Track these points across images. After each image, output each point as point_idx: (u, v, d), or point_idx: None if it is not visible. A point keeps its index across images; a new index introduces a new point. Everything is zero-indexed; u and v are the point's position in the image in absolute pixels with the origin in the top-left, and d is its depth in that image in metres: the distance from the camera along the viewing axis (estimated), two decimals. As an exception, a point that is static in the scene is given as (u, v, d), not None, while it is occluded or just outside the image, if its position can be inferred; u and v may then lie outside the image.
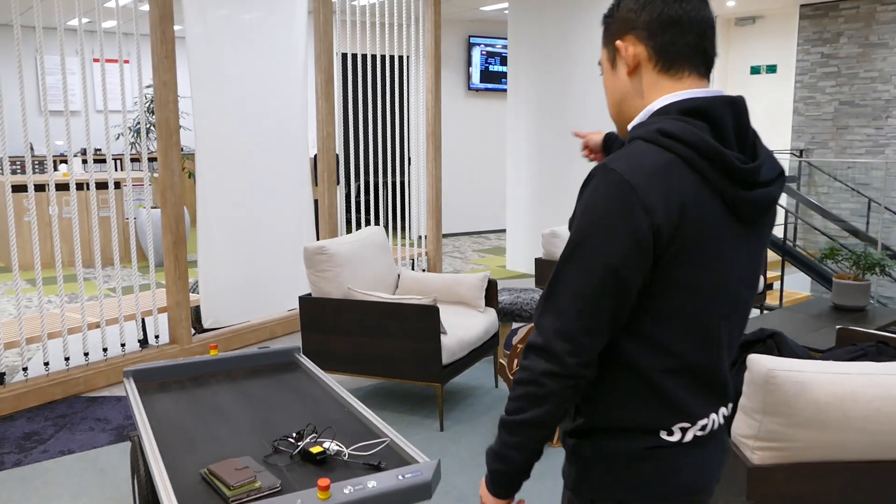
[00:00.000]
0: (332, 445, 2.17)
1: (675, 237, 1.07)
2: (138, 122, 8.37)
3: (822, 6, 9.04)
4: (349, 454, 2.15)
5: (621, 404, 1.16)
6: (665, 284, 1.10)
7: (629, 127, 1.20)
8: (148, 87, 6.74)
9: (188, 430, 2.37)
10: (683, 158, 1.08)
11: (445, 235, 9.90)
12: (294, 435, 2.26)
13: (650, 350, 1.13)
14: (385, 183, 9.50)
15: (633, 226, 1.06)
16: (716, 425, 1.22)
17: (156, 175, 5.90)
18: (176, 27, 8.07)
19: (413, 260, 6.52)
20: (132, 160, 10.38)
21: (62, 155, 9.93)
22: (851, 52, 8.83)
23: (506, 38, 10.00)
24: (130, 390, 2.67)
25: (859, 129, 8.89)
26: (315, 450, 2.11)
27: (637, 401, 1.15)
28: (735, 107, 1.13)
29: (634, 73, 1.18)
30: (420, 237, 6.72)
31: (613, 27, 1.21)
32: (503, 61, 10.05)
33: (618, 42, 1.19)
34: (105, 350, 4.34)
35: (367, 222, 10.59)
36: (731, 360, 1.24)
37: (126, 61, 10.55)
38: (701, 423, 1.18)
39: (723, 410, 1.23)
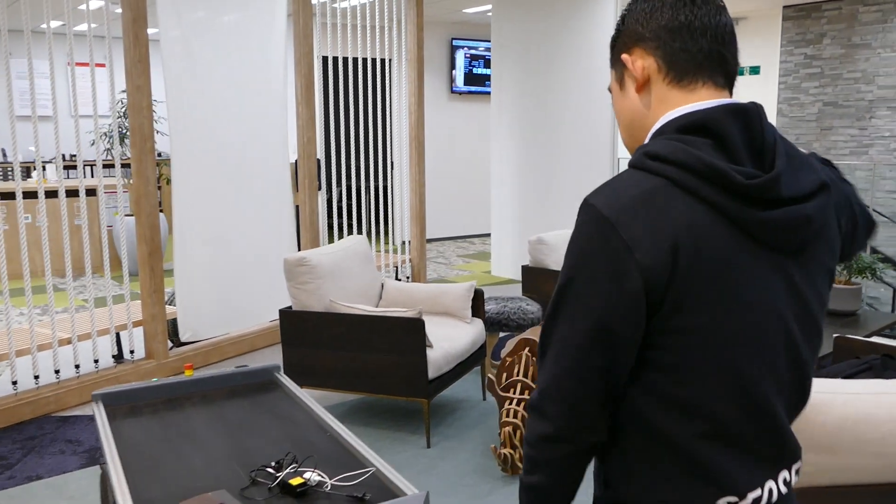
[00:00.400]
0: (313, 476, 2.03)
1: (674, 277, 0.92)
2: (113, 128, 8.17)
3: (805, 7, 9.01)
4: (332, 485, 2.01)
5: (654, 478, 0.99)
6: (676, 334, 0.94)
7: None
8: (124, 91, 6.56)
9: (160, 460, 2.23)
10: (674, 181, 0.94)
11: (429, 240, 9.77)
12: (273, 464, 2.12)
13: (677, 413, 0.96)
14: (368, 188, 9.35)
15: (615, 269, 0.93)
16: (774, 496, 1.01)
17: (131, 181, 5.74)
18: (152, 30, 7.89)
19: (397, 267, 6.38)
20: (105, 166, 10.16)
21: (34, 161, 9.71)
22: (835, 52, 8.80)
23: (489, 41, 9.89)
24: (99, 416, 2.51)
25: (843, 130, 8.87)
26: (295, 481, 1.97)
27: (672, 474, 0.98)
28: (745, 115, 0.98)
29: (644, 88, 1.07)
30: (404, 242, 6.59)
31: (620, 43, 1.10)
32: (487, 64, 9.94)
33: (624, 55, 1.08)
34: (77, 367, 4.17)
35: (350, 228, 10.44)
36: (795, 410, 1.05)
37: (99, 65, 10.34)
38: (752, 495, 0.99)
39: (783, 475, 1.03)
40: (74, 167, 9.82)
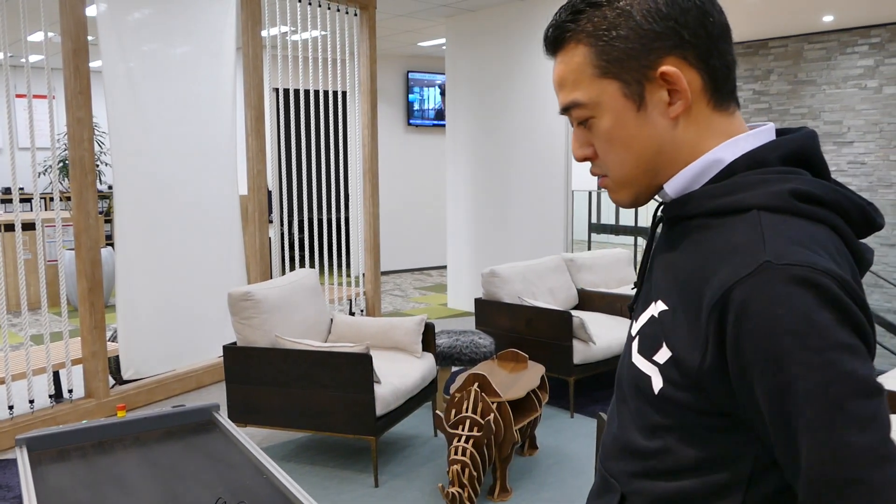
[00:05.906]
0: (244, 523, 1.94)
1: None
2: (51, 160, 8.01)
3: (753, 44, 9.26)
4: (263, 532, 1.93)
5: None
6: None
7: (671, 189, 0.88)
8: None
9: (83, 508, 2.11)
10: (835, 228, 0.80)
11: (387, 273, 9.70)
12: (202, 511, 2.02)
13: None
14: (321, 220, 9.27)
15: (863, 329, 0.74)
16: None
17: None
18: (97, 63, 7.77)
19: (351, 300, 6.29)
20: (41, 198, 9.93)
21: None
22: (782, 88, 9.04)
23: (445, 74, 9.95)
24: (21, 461, 2.39)
25: (791, 163, 9.07)
26: (224, 529, 1.88)
27: None
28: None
29: (684, 113, 0.85)
30: (360, 276, 6.51)
31: (639, 47, 0.83)
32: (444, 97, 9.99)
33: (666, 68, 0.83)
34: (11, 408, 3.99)
35: (303, 261, 10.33)
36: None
37: (37, 96, 10.14)
38: None
39: None
40: (10, 201, 9.58)
